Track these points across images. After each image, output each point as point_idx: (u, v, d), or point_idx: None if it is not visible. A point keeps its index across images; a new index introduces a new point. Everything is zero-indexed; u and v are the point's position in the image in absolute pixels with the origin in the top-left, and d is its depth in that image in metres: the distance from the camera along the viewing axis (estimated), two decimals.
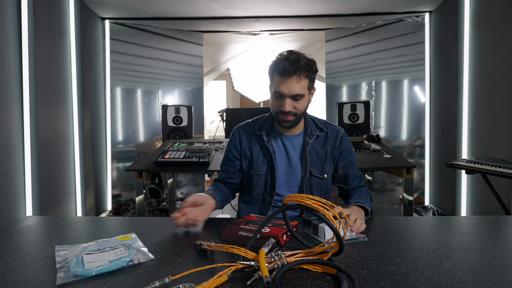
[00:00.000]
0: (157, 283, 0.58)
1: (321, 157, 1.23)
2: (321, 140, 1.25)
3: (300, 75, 1.10)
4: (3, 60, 2.08)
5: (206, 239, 0.82)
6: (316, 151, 1.24)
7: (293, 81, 1.10)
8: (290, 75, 1.10)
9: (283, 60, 1.11)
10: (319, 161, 1.23)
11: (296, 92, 1.12)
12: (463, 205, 3.05)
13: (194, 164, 2.32)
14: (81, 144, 3.15)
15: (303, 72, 1.11)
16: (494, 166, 1.84)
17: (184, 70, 4.22)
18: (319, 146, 1.24)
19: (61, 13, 2.85)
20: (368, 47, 3.98)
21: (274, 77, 1.16)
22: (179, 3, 3.29)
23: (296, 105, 1.15)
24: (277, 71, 1.13)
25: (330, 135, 1.26)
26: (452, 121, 3.19)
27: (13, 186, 2.16)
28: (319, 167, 1.23)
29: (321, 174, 1.23)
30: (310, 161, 1.22)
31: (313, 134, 1.24)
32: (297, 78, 1.10)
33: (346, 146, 1.28)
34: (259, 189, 1.25)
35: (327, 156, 1.24)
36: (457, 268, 0.66)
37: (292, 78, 1.10)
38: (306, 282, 0.61)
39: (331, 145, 1.25)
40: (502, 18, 2.49)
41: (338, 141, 1.25)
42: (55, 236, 0.88)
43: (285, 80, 1.11)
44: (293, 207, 0.76)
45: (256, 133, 1.27)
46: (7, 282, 0.63)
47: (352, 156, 1.29)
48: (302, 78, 1.11)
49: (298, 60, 1.10)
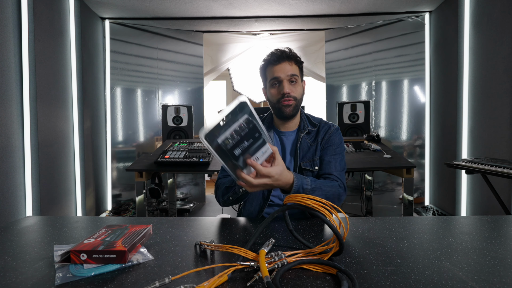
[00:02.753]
0: (157, 283, 0.58)
1: (312, 150, 1.25)
2: (313, 135, 1.28)
3: (291, 61, 1.21)
4: (3, 60, 2.08)
5: (206, 239, 0.82)
6: (308, 145, 1.26)
7: (286, 65, 1.20)
8: (282, 60, 1.20)
9: (272, 52, 1.23)
10: (309, 154, 1.25)
11: (291, 73, 1.19)
12: (463, 205, 3.05)
13: (194, 164, 2.32)
14: (81, 144, 3.15)
15: (293, 59, 1.21)
16: (494, 166, 1.84)
17: (184, 70, 4.22)
18: (310, 140, 1.27)
19: (61, 13, 2.85)
20: (368, 47, 3.98)
21: (267, 70, 1.23)
22: (179, 3, 3.29)
23: (293, 88, 1.20)
24: (269, 63, 1.22)
25: (322, 129, 1.28)
26: (452, 121, 3.19)
27: (13, 186, 2.16)
28: (310, 160, 1.24)
29: (311, 166, 1.24)
30: (301, 155, 1.24)
31: (305, 129, 1.27)
32: (289, 63, 1.20)
33: (333, 142, 1.25)
34: None
35: (317, 149, 1.25)
36: (457, 268, 0.66)
37: (285, 62, 1.20)
38: (306, 282, 0.61)
39: (321, 137, 1.27)
40: (502, 18, 2.49)
41: (328, 135, 1.27)
42: (55, 236, 0.88)
43: (279, 65, 1.20)
44: (293, 207, 0.76)
45: None
46: (7, 282, 0.63)
47: (333, 157, 1.23)
48: (292, 63, 1.21)
49: (285, 50, 1.22)
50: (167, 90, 4.15)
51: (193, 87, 4.25)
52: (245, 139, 0.78)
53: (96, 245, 0.68)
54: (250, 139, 0.79)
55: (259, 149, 0.82)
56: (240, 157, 0.80)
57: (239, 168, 0.82)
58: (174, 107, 3.60)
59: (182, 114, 3.59)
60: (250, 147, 0.80)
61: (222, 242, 0.83)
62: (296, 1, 3.29)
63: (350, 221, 1.01)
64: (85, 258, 0.66)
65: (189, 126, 3.61)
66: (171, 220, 1.01)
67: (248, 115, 0.78)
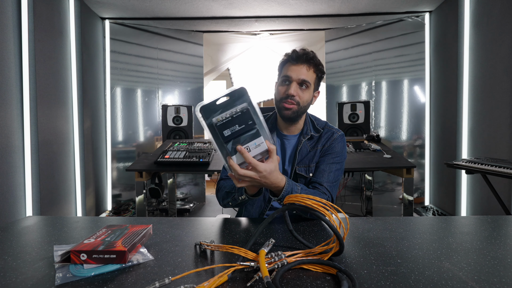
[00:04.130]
0: (157, 283, 0.58)
1: (310, 156, 1.22)
2: (314, 140, 1.24)
3: (310, 66, 1.16)
4: (3, 60, 2.07)
5: (206, 239, 0.82)
6: (307, 150, 1.23)
7: (303, 68, 1.15)
8: (301, 62, 1.15)
9: (297, 49, 1.18)
10: (306, 160, 1.22)
11: (304, 78, 1.15)
12: (463, 205, 3.05)
13: (194, 164, 2.32)
14: (81, 144, 3.15)
15: (313, 65, 1.16)
16: (494, 166, 1.84)
17: (184, 70, 4.22)
18: (311, 146, 1.23)
19: (61, 13, 2.85)
20: (368, 47, 3.98)
21: (284, 66, 1.20)
22: (179, 3, 3.29)
23: (300, 93, 1.16)
24: (289, 60, 1.18)
25: (324, 136, 1.24)
26: (452, 121, 3.19)
27: (13, 186, 2.16)
28: (305, 165, 1.21)
29: (306, 172, 1.21)
30: (298, 160, 1.22)
31: (308, 134, 1.24)
32: (307, 67, 1.16)
33: (333, 149, 1.21)
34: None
35: (315, 155, 1.22)
36: (457, 268, 0.66)
37: (303, 65, 1.16)
38: (306, 282, 0.61)
39: (321, 144, 1.23)
40: (502, 18, 2.49)
41: (329, 141, 1.22)
42: (55, 236, 0.88)
43: (296, 65, 1.16)
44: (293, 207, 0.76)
45: None
46: (7, 282, 0.63)
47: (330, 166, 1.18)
48: (311, 68, 1.16)
49: (311, 53, 1.17)
50: (167, 90, 4.15)
51: (193, 87, 4.25)
52: (237, 123, 0.78)
53: (96, 245, 0.68)
54: (242, 124, 0.78)
55: (252, 140, 0.80)
56: (230, 141, 0.79)
57: (229, 154, 0.82)
58: (174, 107, 3.60)
59: (182, 114, 3.59)
60: (241, 133, 0.79)
61: (222, 242, 0.83)
62: (296, 1, 3.29)
63: (350, 221, 1.01)
64: (85, 258, 0.66)
65: (189, 126, 3.61)
66: (171, 220, 1.01)
67: (248, 104, 0.78)
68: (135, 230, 0.78)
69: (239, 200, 1.07)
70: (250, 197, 1.03)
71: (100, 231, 0.77)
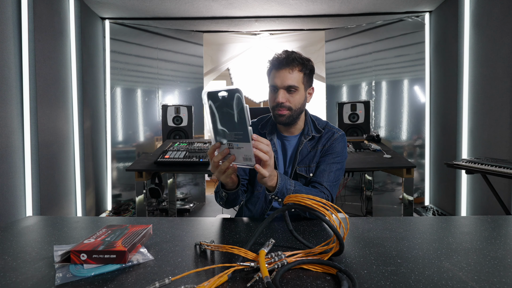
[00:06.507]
0: (157, 284, 0.58)
1: (310, 156, 1.22)
2: (315, 140, 1.24)
3: (293, 67, 1.14)
4: (3, 60, 2.07)
5: (206, 239, 0.82)
6: (307, 150, 1.23)
7: (286, 72, 1.14)
8: (282, 67, 1.14)
9: (276, 56, 1.17)
10: (307, 160, 1.22)
11: (288, 83, 1.14)
12: (463, 205, 3.05)
13: (194, 164, 2.32)
14: (81, 144, 3.15)
15: (295, 64, 1.14)
16: (494, 166, 1.84)
17: (184, 70, 4.22)
18: (311, 146, 1.23)
19: (61, 13, 2.85)
20: (368, 47, 3.98)
21: (270, 75, 1.19)
22: (179, 3, 3.29)
23: (290, 98, 1.16)
24: (273, 67, 1.17)
25: (325, 136, 1.24)
26: (452, 121, 3.19)
27: (13, 186, 2.16)
28: (306, 165, 1.22)
29: (306, 172, 1.21)
30: (299, 160, 1.22)
31: (309, 134, 1.24)
32: (290, 69, 1.14)
33: (334, 149, 1.20)
34: (261, 187, 1.25)
35: (316, 155, 1.22)
36: (457, 268, 0.66)
37: (285, 70, 1.14)
38: (306, 282, 0.61)
39: (322, 144, 1.23)
40: (502, 18, 2.49)
41: (330, 141, 1.22)
42: (55, 236, 0.88)
43: (278, 72, 1.14)
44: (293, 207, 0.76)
45: (260, 132, 1.30)
46: (7, 282, 0.63)
47: (330, 166, 1.18)
48: (295, 70, 1.14)
49: (291, 53, 1.15)
50: (167, 90, 4.15)
51: (193, 87, 4.25)
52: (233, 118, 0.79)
53: (96, 245, 0.68)
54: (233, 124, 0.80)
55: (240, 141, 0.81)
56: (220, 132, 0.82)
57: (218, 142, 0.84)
58: (174, 107, 3.60)
59: (182, 114, 3.59)
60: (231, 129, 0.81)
61: (222, 242, 0.83)
62: (296, 1, 3.29)
63: (350, 221, 1.01)
64: (85, 258, 0.66)
65: (189, 126, 3.61)
66: (171, 220, 1.01)
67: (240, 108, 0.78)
68: (135, 230, 0.78)
69: (225, 198, 1.07)
70: (227, 192, 1.03)
71: (100, 231, 0.77)
